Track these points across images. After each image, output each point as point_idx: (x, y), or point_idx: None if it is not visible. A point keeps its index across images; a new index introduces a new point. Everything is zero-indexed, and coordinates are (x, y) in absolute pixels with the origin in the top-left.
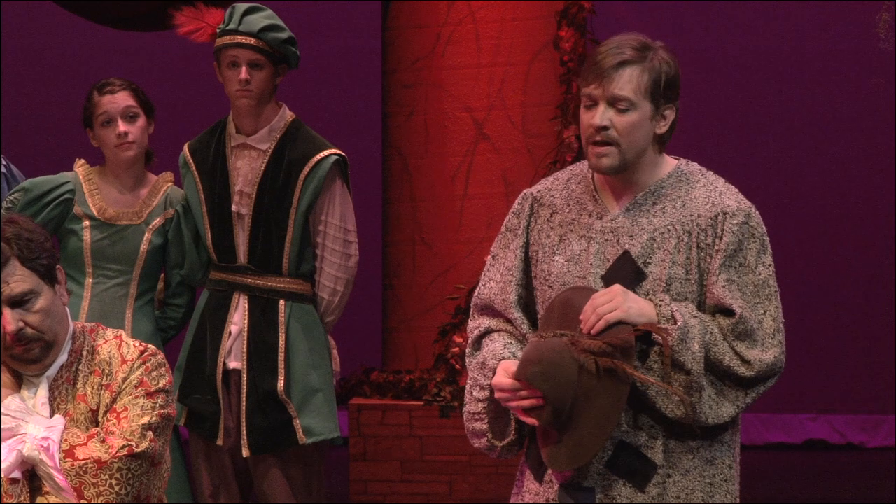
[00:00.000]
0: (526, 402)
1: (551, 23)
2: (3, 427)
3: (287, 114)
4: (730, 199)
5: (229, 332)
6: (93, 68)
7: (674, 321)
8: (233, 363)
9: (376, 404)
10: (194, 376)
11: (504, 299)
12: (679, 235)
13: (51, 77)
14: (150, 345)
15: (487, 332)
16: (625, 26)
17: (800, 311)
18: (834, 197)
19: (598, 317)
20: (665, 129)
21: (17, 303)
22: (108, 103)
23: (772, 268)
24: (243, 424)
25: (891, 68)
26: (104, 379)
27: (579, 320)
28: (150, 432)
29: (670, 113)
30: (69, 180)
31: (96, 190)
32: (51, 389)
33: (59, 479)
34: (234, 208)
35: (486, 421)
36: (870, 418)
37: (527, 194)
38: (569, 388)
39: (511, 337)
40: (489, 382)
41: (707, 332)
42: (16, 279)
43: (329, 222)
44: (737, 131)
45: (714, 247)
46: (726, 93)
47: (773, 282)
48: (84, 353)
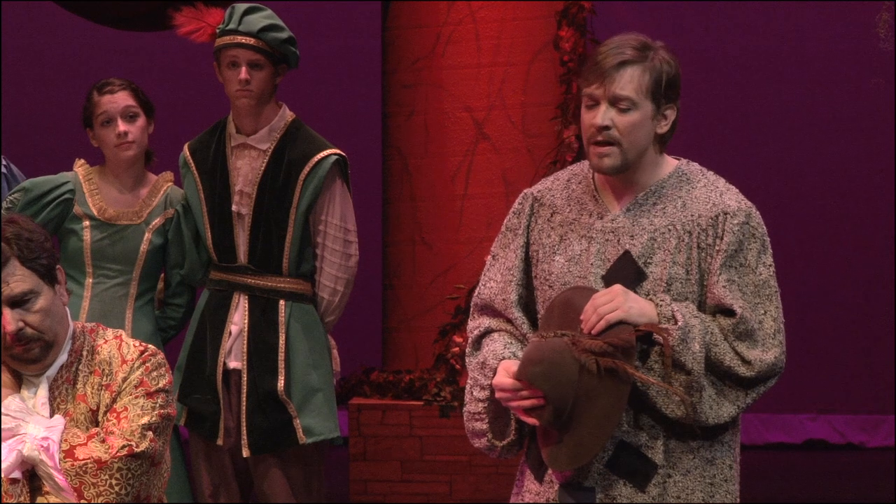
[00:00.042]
0: (527, 402)
1: (551, 23)
2: (3, 427)
3: (287, 114)
4: (730, 199)
5: (229, 331)
6: (93, 68)
7: (674, 321)
8: (233, 363)
9: (376, 404)
10: (194, 376)
11: (504, 299)
12: (680, 235)
13: (51, 77)
14: (149, 345)
15: (488, 332)
16: (625, 26)
17: (800, 311)
18: (834, 197)
19: (598, 317)
20: (666, 128)
21: (16, 303)
22: (108, 103)
23: (772, 268)
24: (243, 424)
25: (891, 68)
26: (104, 379)
27: (580, 320)
28: (150, 432)
29: (671, 113)
30: (69, 180)
31: (96, 190)
32: (51, 389)
33: (59, 479)
34: (235, 208)
35: (487, 421)
36: (870, 418)
37: (527, 194)
38: (570, 387)
39: (511, 337)
40: (490, 382)
41: (708, 332)
42: (16, 279)
43: (329, 222)
44: (737, 131)
45: (715, 247)
46: (726, 93)
47: (773, 282)
48: (84, 353)
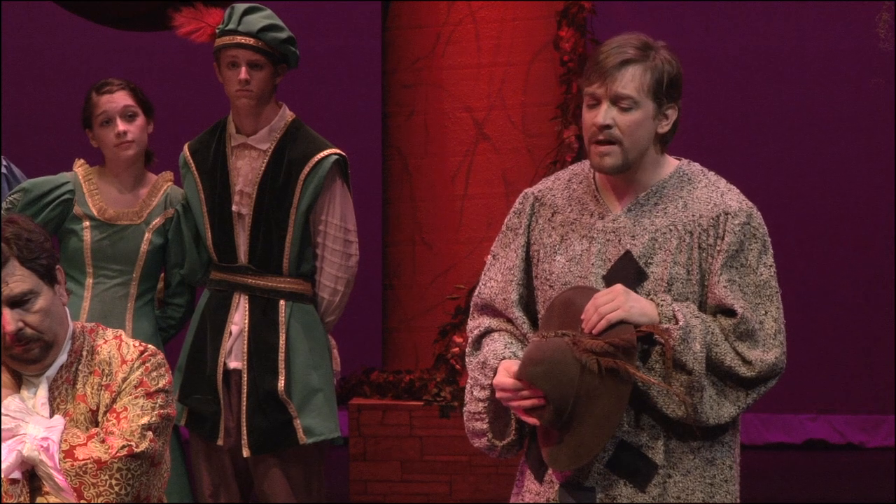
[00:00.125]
0: (527, 402)
1: (551, 23)
2: (3, 427)
3: (287, 114)
4: (731, 199)
5: (230, 332)
6: (93, 68)
7: (675, 321)
8: (233, 363)
9: (376, 404)
10: (195, 376)
11: (505, 299)
12: (681, 236)
13: (51, 77)
14: (149, 345)
15: (488, 332)
16: (625, 26)
17: (800, 311)
18: (834, 197)
19: (599, 316)
20: (667, 128)
21: (16, 303)
22: (107, 103)
23: (773, 268)
24: (244, 424)
25: (891, 68)
26: (104, 379)
27: (581, 320)
28: (149, 432)
29: (672, 112)
30: (69, 181)
31: (96, 190)
32: (50, 389)
33: (58, 479)
34: (235, 208)
35: (487, 421)
36: (870, 418)
37: (528, 194)
38: (570, 387)
39: (512, 336)
40: (490, 382)
41: (708, 332)
42: (15, 279)
43: (329, 222)
44: (737, 131)
45: (716, 247)
46: (727, 93)
47: (774, 282)
48: (84, 354)
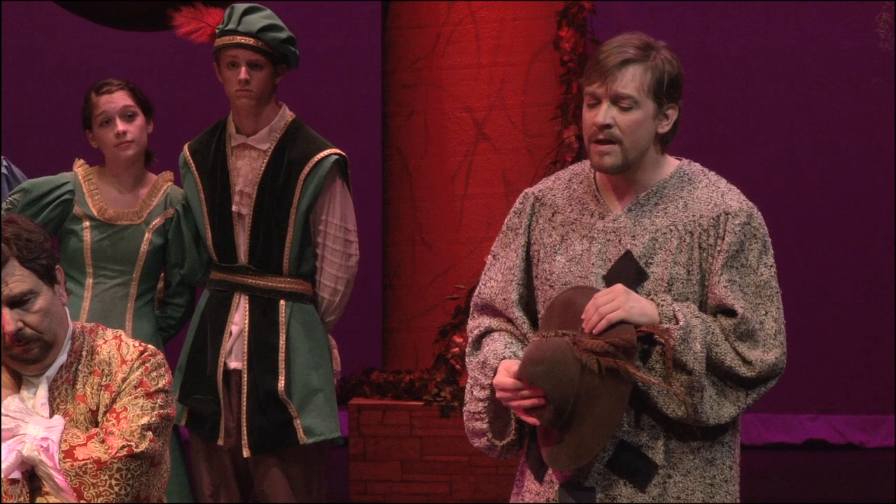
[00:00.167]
0: (527, 402)
1: (551, 23)
2: (2, 427)
3: (287, 114)
4: (732, 199)
5: (230, 332)
6: (93, 68)
7: (676, 321)
8: (233, 363)
9: (376, 404)
10: (195, 376)
11: (505, 299)
12: (681, 236)
13: (51, 77)
14: (149, 345)
15: (488, 332)
16: (625, 26)
17: (800, 311)
18: (834, 197)
19: (599, 316)
20: (667, 128)
21: (16, 303)
22: (106, 103)
23: (773, 268)
24: (244, 424)
25: (891, 68)
26: (104, 379)
27: (581, 320)
28: (149, 432)
29: (673, 112)
30: (69, 181)
31: (96, 190)
32: (50, 390)
33: (58, 479)
34: (235, 208)
35: (487, 420)
36: (870, 418)
37: (528, 194)
38: (570, 387)
39: (512, 336)
40: (490, 382)
41: (709, 332)
42: (15, 279)
43: (329, 222)
44: (737, 131)
45: (716, 247)
46: (727, 93)
47: (774, 282)
48: (83, 354)
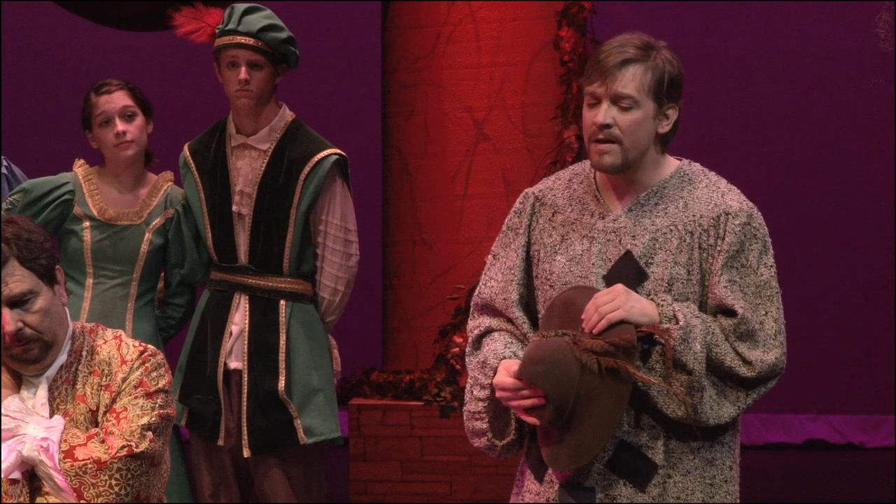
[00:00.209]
0: (527, 402)
1: (551, 23)
2: (2, 427)
3: (287, 114)
4: (732, 199)
5: (230, 332)
6: (93, 68)
7: (676, 321)
8: (234, 363)
9: (376, 404)
10: (195, 376)
11: (505, 298)
12: (681, 236)
13: (51, 77)
14: (149, 345)
15: (488, 332)
16: (625, 26)
17: (800, 311)
18: (834, 197)
19: (600, 316)
20: (668, 128)
21: (16, 303)
22: (105, 103)
23: (773, 269)
24: (244, 425)
25: (891, 68)
26: (104, 379)
27: (581, 320)
28: (149, 433)
29: (673, 112)
30: (69, 181)
31: (96, 190)
32: (50, 390)
33: (58, 479)
34: (235, 208)
35: (487, 420)
36: (870, 418)
37: (528, 193)
38: (570, 387)
39: (512, 336)
40: (490, 381)
41: (709, 332)
42: (15, 279)
43: (329, 222)
44: (737, 131)
45: (716, 247)
46: (727, 93)
47: (774, 283)
48: (83, 354)
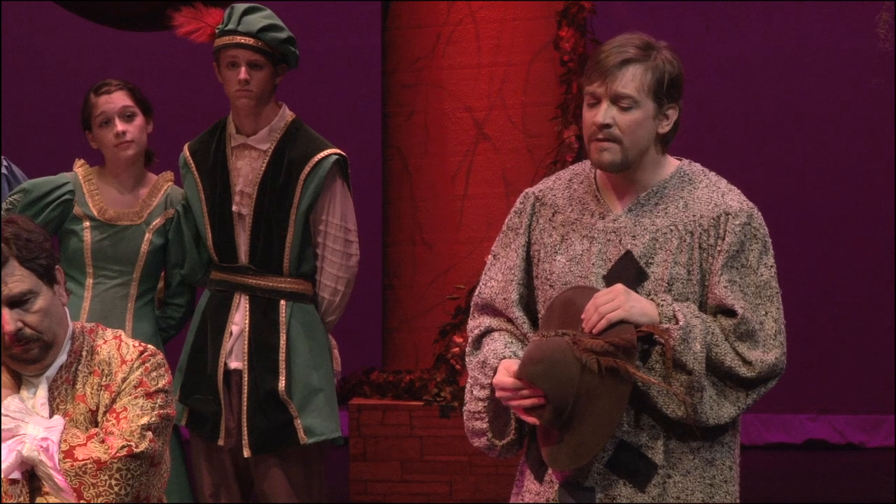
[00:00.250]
0: (527, 402)
1: (551, 23)
2: (2, 427)
3: (287, 114)
4: (732, 199)
5: (230, 332)
6: (93, 68)
7: (676, 321)
8: (234, 363)
9: (376, 404)
10: (195, 376)
11: (505, 298)
12: (681, 236)
13: (51, 77)
14: (149, 345)
15: (488, 332)
16: (625, 26)
17: (800, 311)
18: (834, 197)
19: (599, 316)
20: (668, 128)
21: (15, 303)
22: (105, 104)
23: (773, 269)
24: (244, 425)
25: (891, 68)
26: (103, 379)
27: (581, 319)
28: (149, 433)
29: (673, 112)
30: (69, 181)
31: (96, 190)
32: (50, 390)
33: (58, 479)
34: (235, 208)
35: (487, 420)
36: (870, 418)
37: (529, 193)
38: (570, 387)
39: (512, 336)
40: (490, 381)
41: (709, 332)
42: (14, 279)
43: (330, 222)
44: (737, 131)
45: (716, 247)
46: (727, 93)
47: (774, 283)
48: (83, 354)
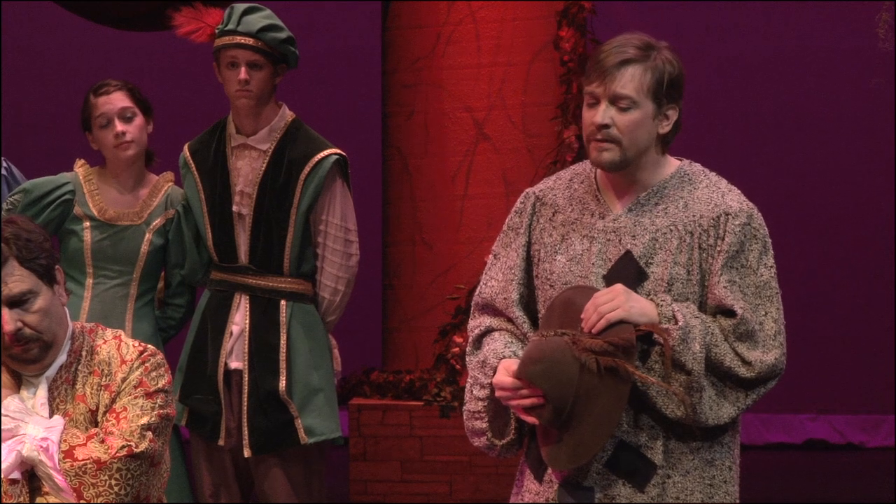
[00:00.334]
0: (527, 401)
1: (551, 23)
2: (2, 427)
3: (287, 114)
4: (732, 200)
5: (230, 332)
6: (93, 68)
7: (675, 321)
8: (234, 363)
9: (376, 404)
10: (196, 376)
11: (505, 298)
12: (681, 236)
13: (51, 77)
14: (149, 345)
15: (488, 331)
16: (625, 26)
17: (800, 311)
18: (834, 197)
19: (599, 315)
20: (668, 129)
21: (15, 303)
22: (105, 104)
23: (773, 269)
24: (245, 425)
25: (891, 68)
26: (103, 379)
27: (580, 319)
28: (149, 432)
29: (673, 113)
30: (69, 181)
31: (96, 190)
32: (50, 390)
33: (58, 479)
34: (235, 209)
35: (486, 420)
36: (870, 418)
37: (529, 193)
38: (570, 386)
39: (512, 336)
40: (490, 381)
41: (708, 332)
42: (14, 279)
43: (330, 222)
44: (737, 132)
45: (716, 248)
46: (726, 93)
47: (774, 283)
48: (83, 354)
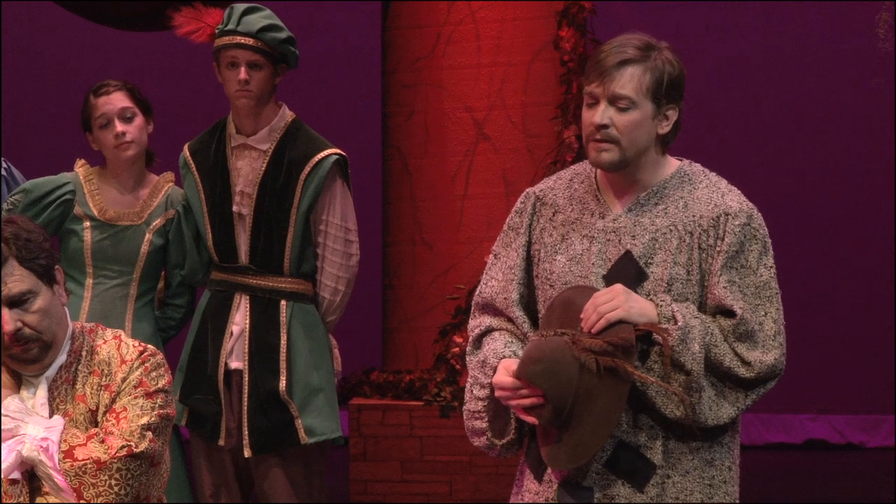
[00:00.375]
0: (526, 401)
1: (551, 23)
2: (2, 427)
3: (287, 114)
4: (732, 200)
5: (231, 332)
6: (93, 68)
7: (674, 321)
8: (234, 363)
9: (376, 404)
10: (196, 376)
11: (505, 298)
12: (681, 236)
13: (51, 77)
14: (149, 345)
15: (488, 331)
16: (625, 26)
17: (800, 311)
18: (834, 197)
19: (598, 315)
20: (667, 129)
21: (15, 303)
22: (104, 105)
23: (773, 269)
24: (245, 425)
25: (891, 68)
26: (103, 379)
27: (580, 319)
28: (149, 432)
29: (673, 113)
30: (69, 181)
31: (97, 191)
32: (50, 390)
33: (58, 479)
34: (235, 209)
35: (486, 419)
36: (870, 418)
37: (529, 193)
38: (569, 386)
39: (512, 336)
40: (490, 381)
41: (708, 332)
42: (14, 279)
43: (330, 222)
44: (737, 132)
45: (716, 248)
46: (726, 93)
47: (774, 283)
48: (83, 354)
